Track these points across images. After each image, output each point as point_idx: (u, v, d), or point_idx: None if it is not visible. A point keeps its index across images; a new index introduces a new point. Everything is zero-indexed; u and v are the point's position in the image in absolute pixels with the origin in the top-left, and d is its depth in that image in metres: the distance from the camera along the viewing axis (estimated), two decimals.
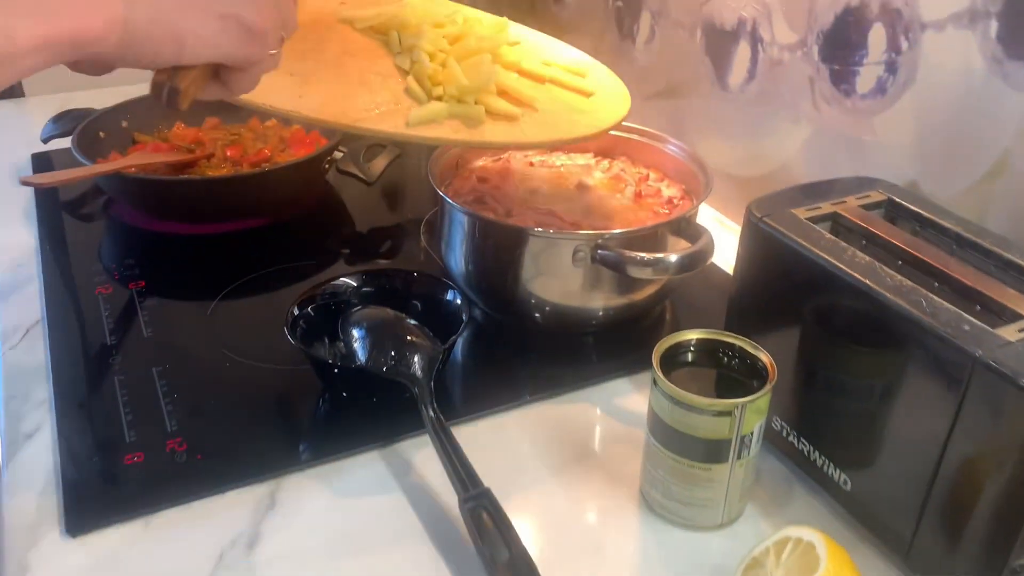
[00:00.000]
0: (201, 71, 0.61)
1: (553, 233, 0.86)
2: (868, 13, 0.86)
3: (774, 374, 0.67)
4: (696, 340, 0.72)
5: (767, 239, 0.72)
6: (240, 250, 1.09)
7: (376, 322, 0.79)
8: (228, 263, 1.05)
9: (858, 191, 0.77)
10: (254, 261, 1.05)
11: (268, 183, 1.10)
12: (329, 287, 0.85)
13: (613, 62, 1.29)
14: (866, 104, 0.89)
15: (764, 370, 0.68)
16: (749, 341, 0.70)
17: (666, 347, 0.70)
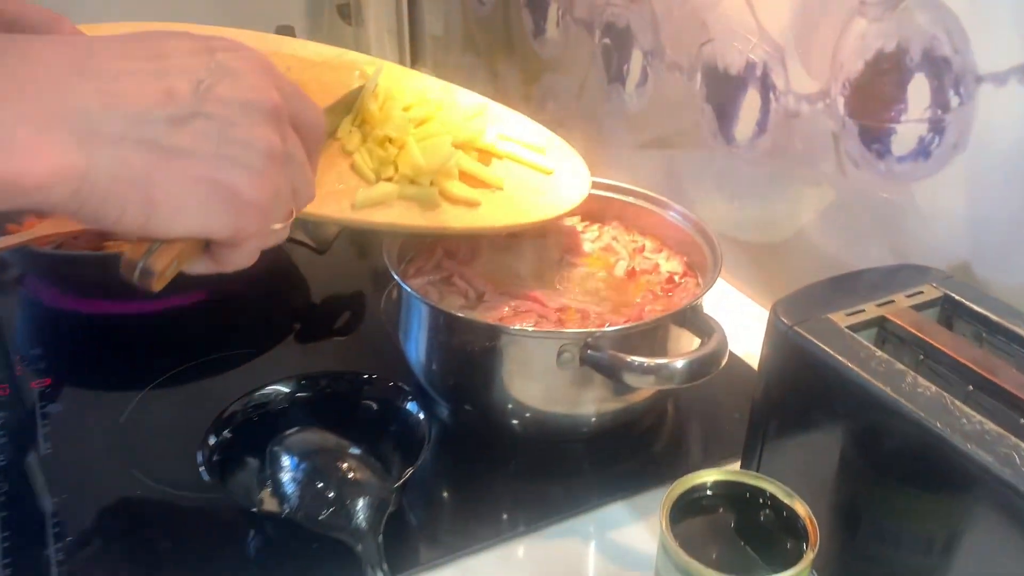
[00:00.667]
0: (188, 247, 0.47)
1: (533, 332, 0.71)
2: (907, 61, 0.72)
3: (815, 536, 0.52)
4: (714, 483, 0.57)
5: (801, 354, 0.58)
6: (172, 332, 0.94)
7: (309, 454, 0.63)
8: (156, 349, 0.90)
9: (906, 286, 0.63)
10: (187, 345, 0.91)
11: None
12: (255, 398, 0.69)
13: (599, 107, 1.15)
14: (904, 169, 0.75)
15: (801, 527, 0.54)
16: (781, 486, 0.55)
17: (677, 494, 0.56)
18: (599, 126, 1.18)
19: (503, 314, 0.76)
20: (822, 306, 0.60)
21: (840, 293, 0.62)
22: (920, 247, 0.75)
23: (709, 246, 0.82)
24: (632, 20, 1.06)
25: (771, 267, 0.93)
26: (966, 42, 0.67)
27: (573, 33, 1.19)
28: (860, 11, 0.75)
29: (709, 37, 0.93)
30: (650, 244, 0.89)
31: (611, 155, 1.17)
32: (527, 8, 1.28)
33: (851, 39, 0.77)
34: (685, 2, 0.96)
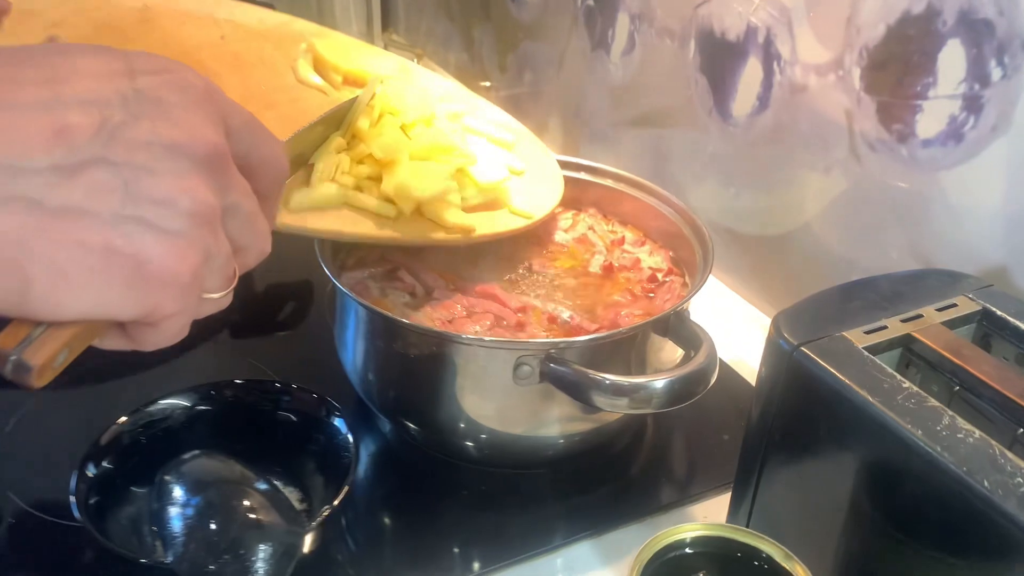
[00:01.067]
0: (84, 331, 0.36)
1: (483, 341, 0.59)
2: (939, 24, 0.60)
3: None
4: (695, 539, 0.46)
5: (808, 380, 0.47)
6: None
7: (205, 486, 0.52)
8: None
9: (936, 296, 0.51)
10: None
11: None
12: (146, 415, 0.58)
13: (580, 78, 1.03)
14: (931, 154, 0.63)
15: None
16: (778, 546, 0.45)
17: (651, 553, 0.45)
18: (580, 99, 1.06)
19: (453, 314, 0.65)
20: (834, 320, 0.49)
21: (855, 304, 0.51)
22: (948, 248, 0.64)
23: (699, 240, 0.71)
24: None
25: (770, 265, 0.82)
26: (1014, 2, 0.56)
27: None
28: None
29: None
30: (631, 236, 0.77)
31: (592, 132, 1.05)
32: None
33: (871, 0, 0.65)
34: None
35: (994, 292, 0.52)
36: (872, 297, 0.51)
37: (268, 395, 0.61)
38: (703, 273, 0.66)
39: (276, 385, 0.62)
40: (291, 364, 0.77)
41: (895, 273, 0.54)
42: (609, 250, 0.75)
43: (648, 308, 0.69)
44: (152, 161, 0.34)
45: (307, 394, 0.61)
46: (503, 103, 1.24)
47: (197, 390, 0.60)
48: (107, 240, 0.33)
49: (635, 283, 0.72)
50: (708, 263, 0.67)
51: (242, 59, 0.68)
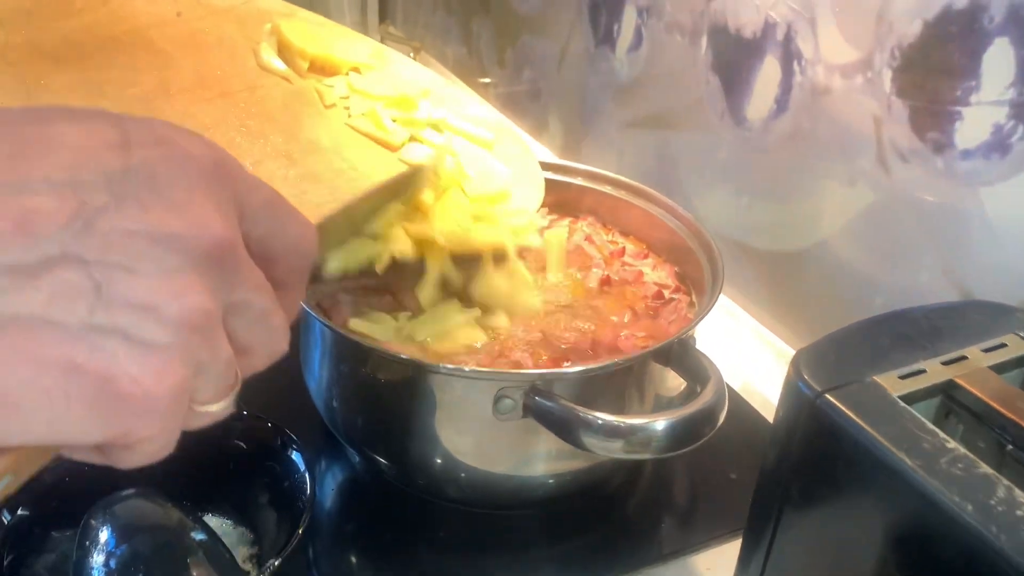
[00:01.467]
0: (32, 455, 0.30)
1: (464, 371, 0.52)
2: (985, 21, 0.53)
3: None
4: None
5: (834, 433, 0.40)
6: None
7: (135, 531, 0.45)
8: None
9: (981, 334, 0.44)
10: None
11: None
12: None
13: (583, 75, 0.96)
14: (971, 167, 0.56)
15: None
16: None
17: None
18: (582, 98, 0.99)
19: None
20: (864, 362, 0.42)
21: (888, 342, 0.44)
22: (988, 273, 0.57)
23: (707, 256, 0.64)
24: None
25: (786, 283, 0.75)
26: None
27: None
28: None
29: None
30: (632, 247, 0.71)
31: (595, 133, 0.98)
32: None
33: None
34: None
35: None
36: (907, 333, 0.44)
37: (217, 422, 0.54)
38: (712, 294, 0.59)
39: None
40: (253, 383, 0.70)
41: (932, 305, 0.47)
42: (608, 262, 0.68)
43: (651, 329, 0.62)
44: (135, 257, 0.27)
45: (261, 422, 0.55)
46: (502, 100, 1.18)
47: None
48: (69, 356, 0.26)
49: (637, 300, 0.65)
50: (718, 283, 0.60)
51: (198, 40, 0.62)
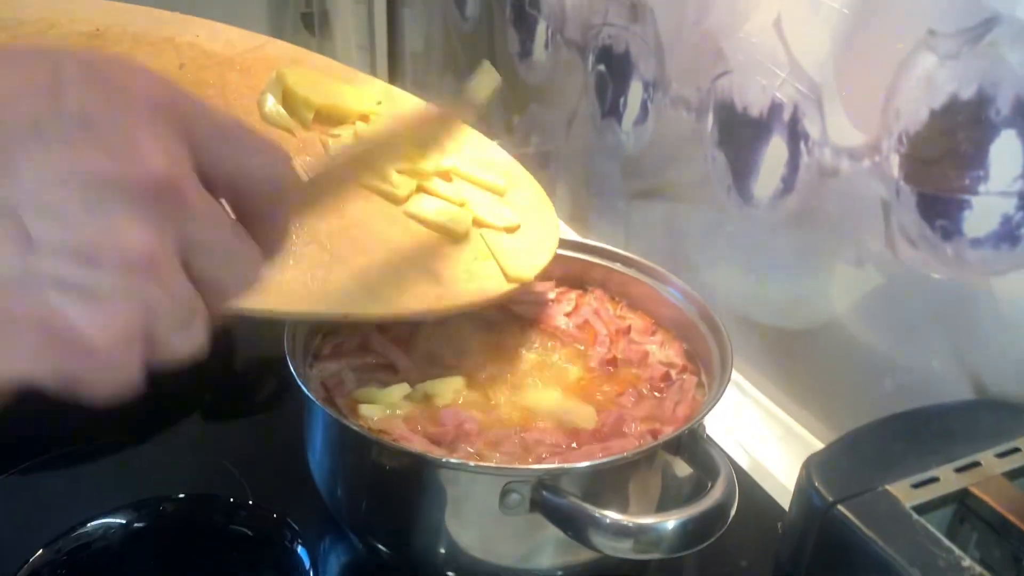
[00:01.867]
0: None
1: (470, 466, 0.52)
2: (992, 113, 0.53)
3: None
4: None
5: (846, 546, 0.39)
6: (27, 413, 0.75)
7: None
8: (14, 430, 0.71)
9: (994, 437, 0.44)
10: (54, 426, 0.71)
11: None
12: (71, 541, 0.50)
13: (590, 145, 0.97)
14: (980, 256, 0.56)
15: None
16: None
17: None
18: (589, 168, 0.99)
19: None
20: (876, 468, 0.41)
21: (900, 445, 0.43)
22: (1000, 364, 0.56)
23: (716, 338, 0.63)
24: (632, 44, 0.87)
25: (796, 361, 0.74)
26: None
27: (564, 57, 1.00)
28: (928, 43, 0.57)
29: (726, 68, 0.75)
30: (639, 323, 0.70)
31: (602, 202, 0.98)
32: (513, 26, 1.10)
33: (913, 79, 0.58)
34: (697, 24, 0.77)
35: None
36: (920, 436, 0.44)
37: (215, 510, 0.54)
38: (720, 382, 0.58)
39: (231, 501, 0.54)
40: (262, 459, 0.70)
41: (945, 405, 0.46)
42: (613, 340, 0.68)
43: (654, 412, 0.61)
44: (65, 202, 0.27)
45: (266, 512, 0.54)
46: None
47: (136, 506, 0.53)
48: (5, 307, 0.26)
49: (642, 380, 0.64)
50: (727, 370, 0.59)
51: (201, 90, 0.62)
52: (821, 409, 0.73)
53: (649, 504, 0.56)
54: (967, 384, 0.58)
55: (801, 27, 0.66)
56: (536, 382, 0.63)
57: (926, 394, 0.62)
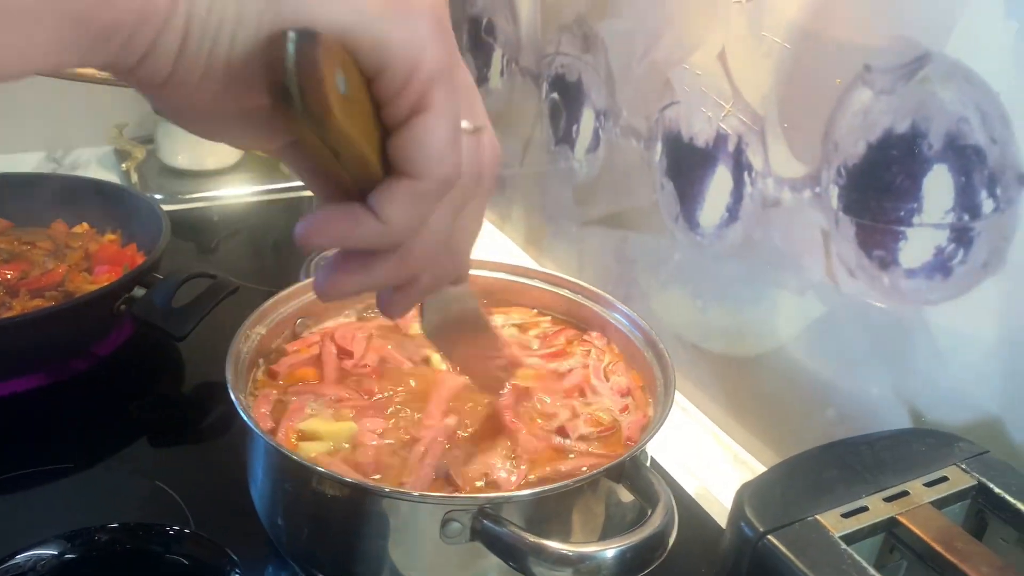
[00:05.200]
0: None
1: (412, 495, 0.51)
2: (924, 147, 0.55)
3: None
4: None
5: (776, 571, 0.39)
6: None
7: None
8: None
9: (924, 465, 0.45)
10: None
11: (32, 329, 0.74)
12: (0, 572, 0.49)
13: (544, 170, 0.98)
14: (915, 286, 0.57)
15: None
16: None
17: None
18: (544, 194, 1.00)
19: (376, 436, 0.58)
20: (808, 498, 0.42)
21: (832, 475, 0.44)
22: (934, 390, 0.57)
23: (660, 364, 0.64)
24: (584, 73, 0.88)
25: (742, 387, 0.75)
26: (1007, 129, 0.50)
27: (519, 84, 1.01)
28: (864, 78, 0.58)
29: (673, 99, 0.76)
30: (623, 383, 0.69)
31: (557, 228, 0.99)
32: (470, 53, 1.11)
33: (850, 114, 0.60)
34: (646, 55, 0.78)
35: (989, 461, 0.45)
36: (851, 466, 0.44)
37: (151, 539, 0.52)
38: (663, 408, 0.59)
39: (167, 530, 0.53)
40: (207, 488, 0.69)
41: (878, 434, 0.47)
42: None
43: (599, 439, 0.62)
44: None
45: (204, 541, 0.53)
46: None
47: (70, 537, 0.51)
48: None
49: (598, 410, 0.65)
50: (669, 394, 0.60)
51: None
52: (767, 435, 0.73)
53: (593, 532, 0.56)
54: (904, 412, 0.60)
55: (744, 60, 0.68)
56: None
57: (865, 421, 0.63)
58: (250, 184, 1.24)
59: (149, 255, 0.84)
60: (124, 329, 0.85)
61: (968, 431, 0.53)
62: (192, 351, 0.87)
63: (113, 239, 0.94)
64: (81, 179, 1.01)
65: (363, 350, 0.66)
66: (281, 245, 1.16)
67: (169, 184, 1.21)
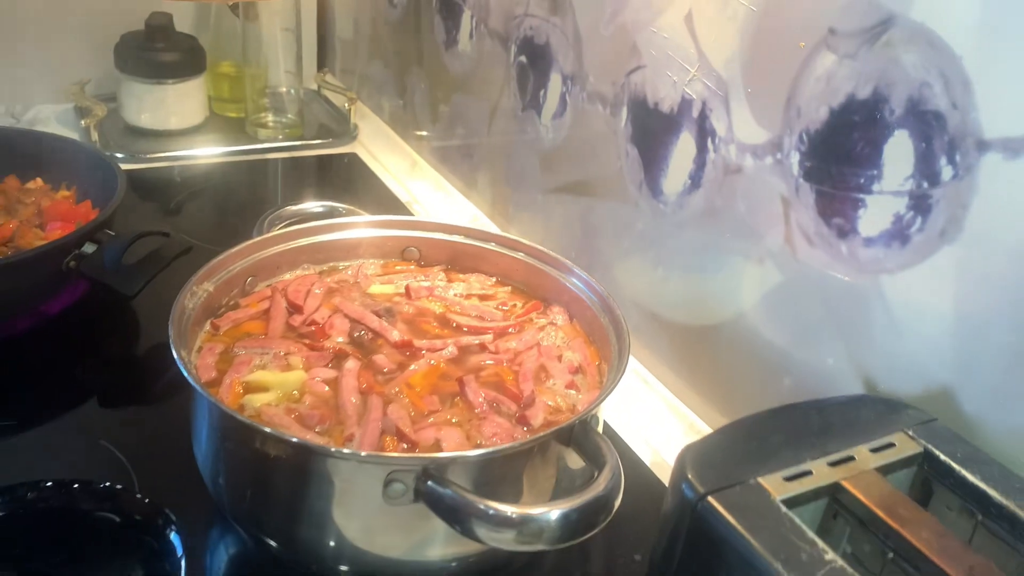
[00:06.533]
0: None
1: (352, 455, 0.50)
2: (886, 113, 0.54)
3: None
4: None
5: (714, 539, 0.39)
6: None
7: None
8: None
9: (871, 432, 0.44)
10: None
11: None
12: None
13: (511, 136, 0.96)
14: (873, 254, 0.57)
15: None
16: None
17: None
18: (510, 160, 0.99)
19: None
20: (752, 461, 0.41)
21: (778, 438, 0.43)
22: (888, 360, 0.57)
23: (615, 329, 0.63)
24: (552, 36, 0.87)
25: (700, 356, 0.74)
26: (969, 94, 0.49)
27: (487, 47, 0.99)
28: (828, 42, 0.57)
29: (639, 63, 0.75)
30: (578, 359, 0.68)
31: (521, 196, 0.98)
32: (439, 15, 1.09)
33: (813, 79, 0.59)
34: (614, 17, 0.77)
35: (937, 429, 0.45)
36: (799, 430, 0.44)
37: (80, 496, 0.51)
38: (616, 371, 0.58)
39: (101, 487, 0.52)
40: (153, 448, 0.68)
41: (826, 400, 0.46)
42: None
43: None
44: None
45: (136, 499, 0.52)
46: (436, 155, 1.17)
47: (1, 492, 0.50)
48: None
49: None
50: (623, 359, 0.59)
51: None
52: (724, 404, 0.73)
53: (542, 496, 0.55)
54: (859, 381, 0.59)
55: (711, 23, 0.67)
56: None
57: (821, 390, 0.62)
58: (214, 145, 1.21)
59: (103, 211, 0.82)
60: (75, 288, 0.83)
61: (920, 400, 0.53)
62: (145, 312, 0.85)
63: (67, 196, 0.92)
64: (35, 132, 0.99)
65: (315, 306, 0.65)
66: (243, 206, 1.14)
67: (131, 143, 1.18)
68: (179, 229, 0.86)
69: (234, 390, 0.56)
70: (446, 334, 0.66)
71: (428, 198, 1.12)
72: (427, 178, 1.17)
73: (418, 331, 0.66)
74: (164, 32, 1.19)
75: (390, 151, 1.24)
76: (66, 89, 1.24)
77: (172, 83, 1.19)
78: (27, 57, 1.24)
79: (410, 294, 0.69)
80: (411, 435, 0.55)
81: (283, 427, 0.53)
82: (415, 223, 0.74)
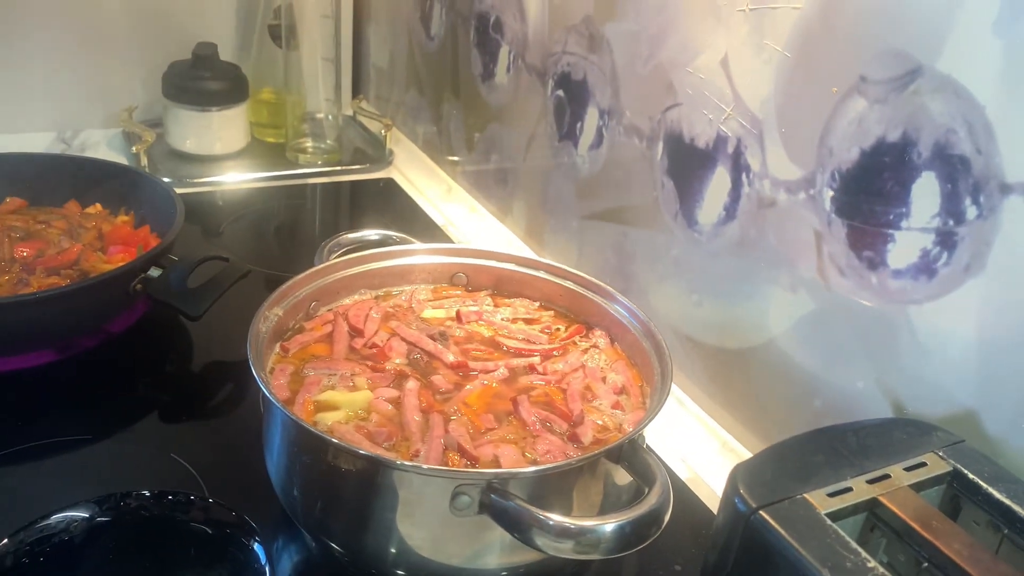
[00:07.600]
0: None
1: (423, 469, 0.54)
2: (914, 155, 0.58)
3: None
4: None
5: (766, 548, 0.43)
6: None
7: None
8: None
9: (904, 452, 0.48)
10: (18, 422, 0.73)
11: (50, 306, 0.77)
12: (34, 531, 0.52)
13: (547, 166, 1.01)
14: (901, 286, 0.61)
15: None
16: None
17: None
18: (545, 187, 1.03)
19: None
20: (796, 479, 0.45)
21: (819, 459, 0.47)
22: (916, 385, 0.61)
23: (658, 354, 0.67)
24: (590, 73, 0.91)
25: (733, 379, 0.78)
26: (992, 141, 0.54)
27: (524, 81, 1.04)
28: (859, 88, 0.62)
29: (676, 101, 0.79)
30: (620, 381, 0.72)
31: (557, 222, 1.02)
32: (477, 48, 1.13)
33: (845, 121, 0.63)
34: (651, 57, 0.82)
35: (965, 450, 0.49)
36: (838, 450, 0.48)
37: (176, 507, 0.56)
38: (660, 395, 0.62)
39: (191, 498, 0.56)
40: (218, 460, 0.72)
41: (862, 423, 0.50)
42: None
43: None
44: None
45: (225, 510, 0.56)
46: (470, 180, 1.22)
47: (99, 501, 0.55)
48: None
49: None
50: (666, 383, 0.63)
51: None
52: (756, 425, 0.77)
53: (591, 509, 0.59)
54: (887, 404, 0.63)
55: (746, 66, 0.71)
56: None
57: (851, 412, 0.66)
58: (255, 170, 1.26)
59: (164, 237, 0.87)
60: (136, 309, 0.87)
61: (946, 422, 0.57)
62: (200, 332, 0.90)
63: (126, 220, 0.97)
64: (97, 161, 1.03)
65: (374, 329, 0.70)
66: (283, 230, 1.19)
67: (176, 168, 1.23)
68: (225, 252, 0.90)
69: (307, 408, 0.61)
70: (496, 356, 0.70)
71: (463, 221, 1.16)
72: (462, 202, 1.21)
73: (469, 353, 0.70)
74: (210, 61, 1.24)
75: (425, 176, 1.29)
76: (114, 115, 1.29)
77: (217, 110, 1.24)
78: (77, 84, 1.29)
79: (460, 319, 0.74)
80: (472, 451, 0.59)
81: (356, 443, 0.57)
82: (465, 251, 0.79)
